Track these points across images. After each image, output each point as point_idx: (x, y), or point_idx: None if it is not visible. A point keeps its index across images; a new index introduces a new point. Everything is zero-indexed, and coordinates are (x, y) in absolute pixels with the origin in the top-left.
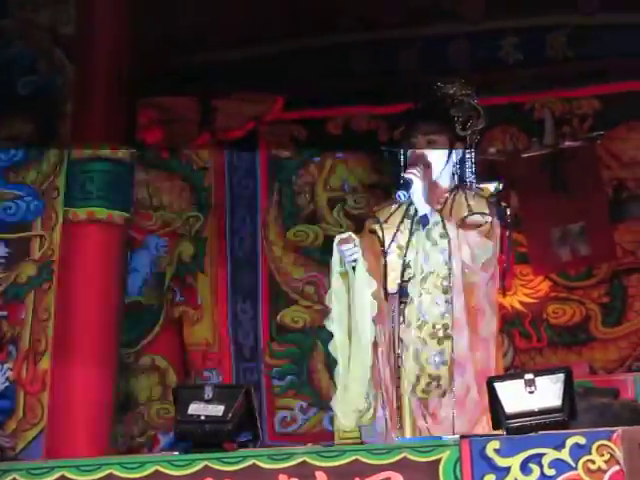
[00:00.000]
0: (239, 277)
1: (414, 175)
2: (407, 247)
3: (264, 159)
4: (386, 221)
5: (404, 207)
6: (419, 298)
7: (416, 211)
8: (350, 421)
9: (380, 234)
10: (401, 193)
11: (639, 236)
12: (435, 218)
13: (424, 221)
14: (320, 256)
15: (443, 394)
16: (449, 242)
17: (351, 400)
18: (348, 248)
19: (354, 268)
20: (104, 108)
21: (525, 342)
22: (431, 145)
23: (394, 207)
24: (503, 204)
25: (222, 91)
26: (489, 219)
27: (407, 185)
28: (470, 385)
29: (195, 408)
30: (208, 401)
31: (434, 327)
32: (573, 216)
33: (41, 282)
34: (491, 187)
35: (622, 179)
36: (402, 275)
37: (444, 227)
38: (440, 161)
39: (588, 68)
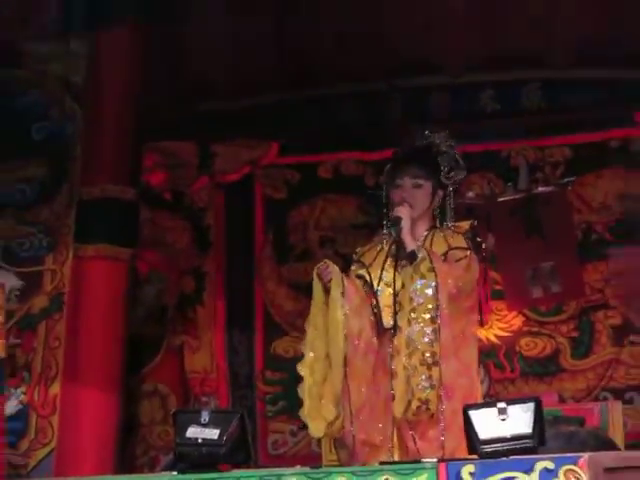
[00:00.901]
0: (236, 310)
1: (403, 213)
2: (394, 282)
3: (260, 200)
4: (371, 264)
5: (386, 247)
6: (409, 328)
7: (397, 248)
8: (319, 428)
9: (368, 278)
10: (391, 230)
11: (606, 275)
12: (422, 253)
13: (412, 256)
14: (310, 291)
15: (431, 417)
16: (436, 276)
17: (322, 408)
18: (324, 269)
19: (329, 289)
20: (112, 152)
21: (499, 373)
22: (416, 189)
23: (378, 248)
24: (478, 239)
25: (221, 137)
26: (468, 253)
27: (396, 221)
28: (457, 409)
29: (193, 431)
30: (205, 425)
31: (423, 355)
32: (545, 256)
33: (52, 313)
34: (466, 224)
35: (591, 223)
36: (395, 309)
37: (431, 262)
38: (423, 203)
39: (560, 119)
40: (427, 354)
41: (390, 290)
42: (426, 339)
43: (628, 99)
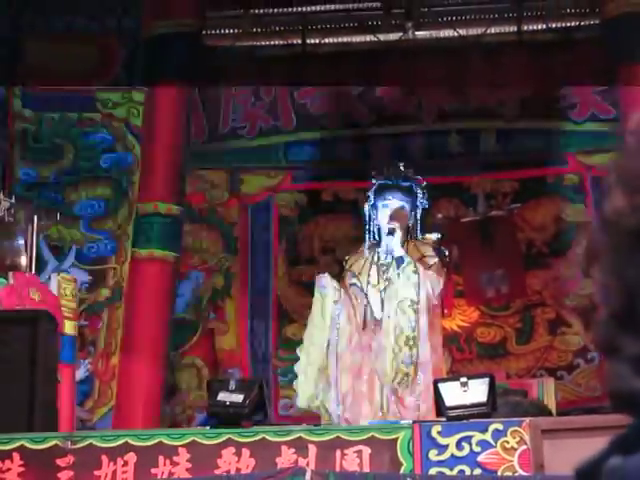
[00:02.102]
0: (256, 302)
1: (397, 226)
2: (378, 282)
3: (276, 217)
4: (360, 272)
5: (370, 256)
6: (396, 316)
7: (379, 257)
8: (301, 400)
9: (359, 283)
10: (388, 238)
11: (543, 280)
12: (408, 259)
13: (400, 261)
14: (314, 288)
15: (408, 387)
16: (418, 277)
17: (306, 384)
18: (322, 280)
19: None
20: (162, 177)
21: (460, 354)
22: (401, 209)
23: (364, 258)
24: (443, 249)
25: (247, 168)
26: (436, 260)
27: (392, 232)
28: (429, 382)
29: (222, 396)
30: (232, 391)
31: (407, 338)
32: (497, 265)
33: (113, 302)
34: (433, 236)
35: (532, 239)
36: (382, 303)
37: (415, 266)
38: (404, 221)
39: (509, 159)
40: (410, 337)
41: (376, 289)
42: (409, 326)
43: (561, 145)
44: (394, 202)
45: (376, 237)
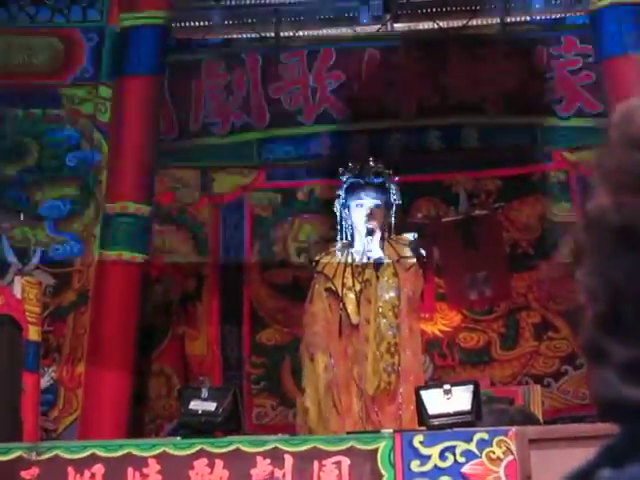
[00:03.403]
0: (228, 306)
1: (376, 227)
2: (353, 285)
3: (249, 217)
4: (334, 275)
5: (343, 257)
6: (376, 321)
7: (353, 259)
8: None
9: (334, 288)
10: (367, 239)
11: (528, 283)
12: (387, 260)
13: (379, 262)
14: (288, 291)
15: (389, 395)
16: (398, 279)
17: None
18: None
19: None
20: (130, 176)
21: (442, 360)
22: (376, 208)
23: (336, 260)
24: (420, 249)
25: (218, 166)
26: (414, 261)
27: (371, 232)
28: (411, 390)
29: (194, 404)
30: (204, 399)
31: (389, 344)
32: (480, 266)
33: (79, 306)
34: (409, 236)
35: (517, 240)
36: (357, 307)
37: (394, 268)
38: (380, 220)
39: (493, 156)
40: (391, 344)
41: (351, 292)
42: (390, 332)
43: (545, 141)
44: (369, 201)
45: (349, 237)
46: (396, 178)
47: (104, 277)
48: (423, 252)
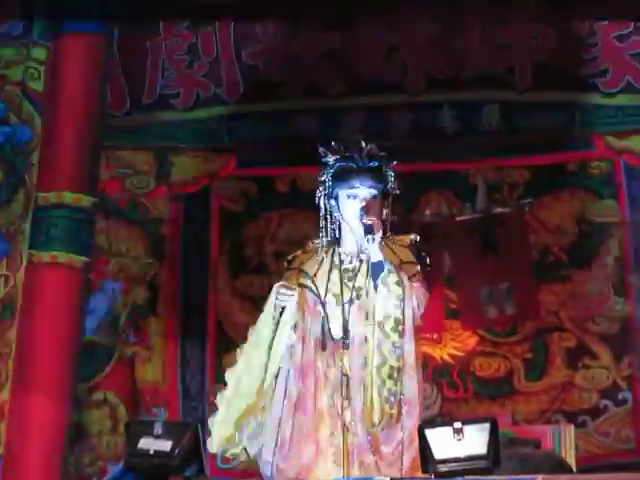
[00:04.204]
0: (189, 321)
1: (376, 223)
2: (342, 292)
3: (216, 212)
4: (315, 274)
5: (329, 256)
6: (376, 340)
7: (341, 260)
8: (215, 442)
9: (314, 288)
10: (367, 238)
11: (561, 297)
12: (389, 266)
13: (378, 268)
14: (264, 304)
15: (389, 431)
16: (403, 290)
17: (226, 421)
18: (283, 293)
19: (281, 314)
20: (69, 159)
21: (452, 392)
22: (373, 199)
23: (318, 258)
24: (423, 254)
25: (178, 148)
26: (418, 268)
27: (370, 230)
28: (415, 425)
29: (145, 442)
30: (157, 436)
31: (391, 369)
32: (501, 277)
33: (4, 319)
34: (407, 238)
35: (547, 244)
36: (345, 320)
37: (398, 275)
38: (378, 214)
39: (519, 140)
40: (394, 368)
41: (338, 300)
42: (394, 354)
43: (585, 123)
44: (364, 190)
45: (335, 235)
46: (394, 162)
47: (35, 284)
48: (427, 259)
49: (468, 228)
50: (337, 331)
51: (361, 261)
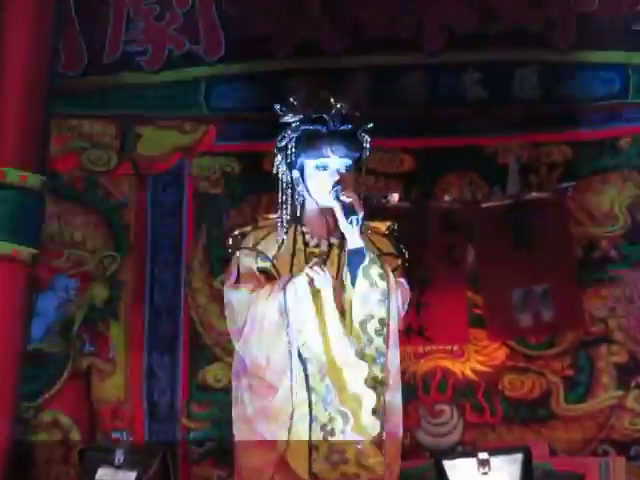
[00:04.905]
0: (157, 327)
1: (355, 200)
2: (311, 282)
3: (191, 195)
4: (276, 257)
5: (290, 237)
6: (358, 345)
7: (305, 242)
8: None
9: (274, 273)
10: (354, 218)
11: (610, 302)
12: (370, 256)
13: (359, 256)
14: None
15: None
16: (388, 285)
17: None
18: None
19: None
20: (12, 129)
21: (477, 416)
22: (347, 171)
23: (278, 239)
24: (401, 247)
25: (146, 116)
26: (399, 262)
27: (353, 210)
28: (397, 454)
29: (103, 474)
30: (118, 467)
31: (374, 381)
32: (537, 277)
33: None
34: (382, 226)
35: (594, 237)
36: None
37: (382, 267)
38: (352, 189)
39: (560, 111)
40: (378, 379)
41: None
42: (378, 361)
43: None
44: (336, 160)
45: (297, 213)
46: (370, 125)
47: None
48: (405, 252)
49: (496, 217)
50: None
51: (331, 245)
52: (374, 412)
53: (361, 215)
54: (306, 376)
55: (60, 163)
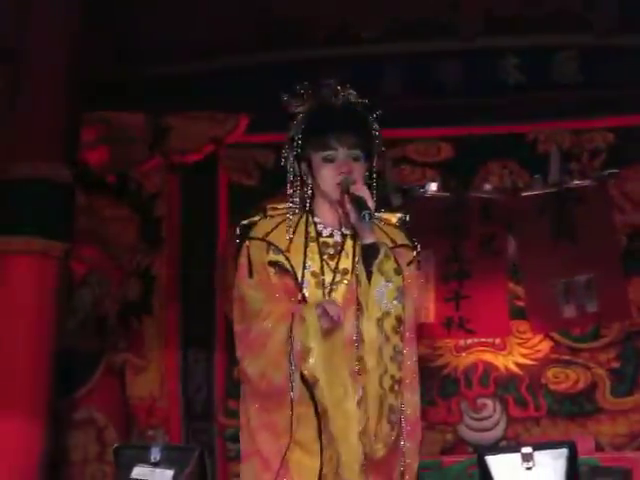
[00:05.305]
0: (192, 321)
1: (367, 194)
2: (322, 271)
3: (224, 187)
4: (288, 249)
5: (301, 226)
6: (376, 342)
7: (318, 232)
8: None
9: (288, 266)
10: (366, 214)
11: None
12: (384, 249)
13: (373, 251)
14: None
15: (387, 458)
16: (403, 281)
17: None
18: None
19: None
20: (43, 122)
21: (520, 410)
22: (356, 162)
23: (286, 228)
24: (414, 239)
25: (178, 108)
26: (414, 254)
27: (361, 204)
28: (415, 454)
29: (139, 472)
30: (155, 464)
31: (392, 379)
32: (580, 267)
33: None
34: (393, 217)
35: (637, 226)
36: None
37: (396, 262)
38: (361, 181)
39: (602, 96)
40: (395, 379)
41: (317, 282)
42: (395, 360)
43: None
44: (343, 151)
45: (307, 205)
46: (379, 112)
47: (2, 276)
48: (417, 245)
49: (537, 206)
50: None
51: (344, 236)
52: (391, 413)
53: (373, 209)
54: (314, 402)
55: (91, 156)
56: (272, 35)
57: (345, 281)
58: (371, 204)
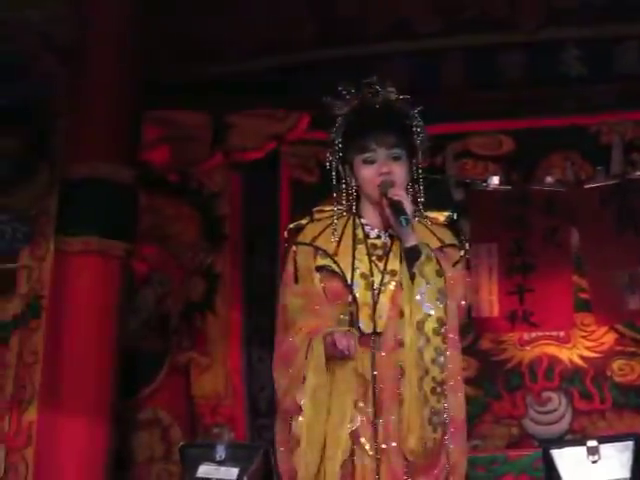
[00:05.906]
0: (256, 319)
1: (405, 198)
2: (372, 273)
3: (286, 185)
4: (336, 253)
5: (349, 228)
6: (417, 344)
7: (366, 233)
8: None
9: (337, 269)
10: (403, 219)
11: None
12: (426, 250)
13: (414, 254)
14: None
15: (430, 459)
16: (445, 282)
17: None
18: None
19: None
20: (104, 122)
21: (585, 403)
22: (396, 162)
23: (332, 231)
24: (462, 238)
25: (239, 106)
26: (462, 254)
27: (400, 209)
28: (461, 455)
29: (205, 470)
30: (220, 462)
31: (434, 381)
32: None
33: (28, 321)
34: (441, 216)
35: None
36: (374, 310)
37: (438, 263)
38: (404, 182)
39: None
40: (437, 381)
41: (367, 284)
42: (437, 362)
43: None
44: (382, 152)
45: (353, 207)
46: (419, 108)
47: (65, 277)
48: (467, 244)
49: (600, 198)
50: (367, 322)
51: (391, 237)
52: (433, 415)
53: (409, 212)
54: None
55: (154, 156)
56: (334, 33)
57: (393, 282)
58: (409, 208)
